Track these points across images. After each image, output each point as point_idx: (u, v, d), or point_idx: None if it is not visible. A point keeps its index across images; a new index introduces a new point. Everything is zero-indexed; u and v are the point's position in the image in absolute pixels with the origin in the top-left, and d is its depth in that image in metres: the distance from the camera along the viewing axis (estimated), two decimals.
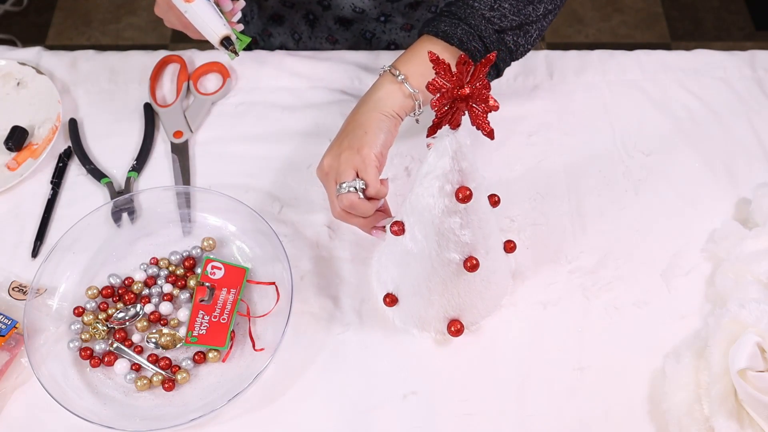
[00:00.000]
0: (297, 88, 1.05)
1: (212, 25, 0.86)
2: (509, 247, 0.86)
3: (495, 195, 0.80)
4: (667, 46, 2.18)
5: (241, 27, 0.90)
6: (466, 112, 0.65)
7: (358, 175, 0.79)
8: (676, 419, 0.77)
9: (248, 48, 1.18)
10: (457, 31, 0.82)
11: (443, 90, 0.63)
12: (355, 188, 0.78)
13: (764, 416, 0.74)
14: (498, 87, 1.05)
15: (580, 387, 0.82)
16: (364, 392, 0.82)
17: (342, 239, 0.92)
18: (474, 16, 0.83)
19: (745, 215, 0.93)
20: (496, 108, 0.64)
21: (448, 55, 0.83)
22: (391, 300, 0.80)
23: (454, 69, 0.62)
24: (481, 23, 0.82)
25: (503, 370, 0.83)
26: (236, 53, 0.87)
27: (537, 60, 1.07)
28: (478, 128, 0.64)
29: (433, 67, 0.63)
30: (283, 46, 1.18)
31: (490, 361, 0.83)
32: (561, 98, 1.04)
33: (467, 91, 0.63)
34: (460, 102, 0.63)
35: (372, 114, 0.82)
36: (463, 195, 0.67)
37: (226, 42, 0.87)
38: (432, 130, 0.66)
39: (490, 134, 0.65)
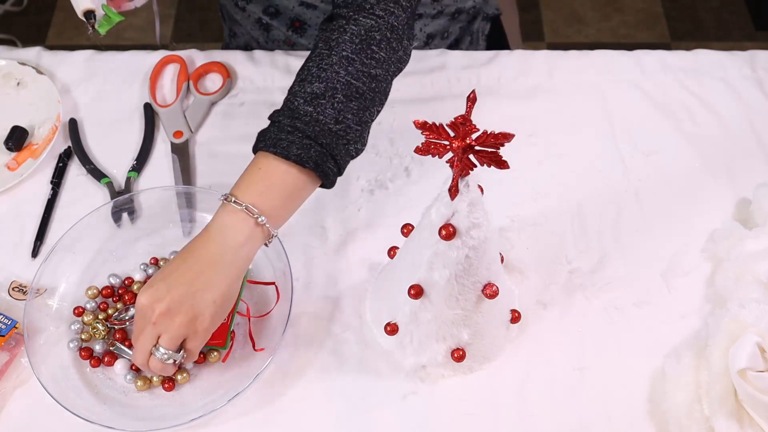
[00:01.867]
0: None
1: None
2: (515, 317, 0.83)
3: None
4: (667, 46, 2.18)
5: (129, 7, 0.85)
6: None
7: (183, 344, 0.74)
8: (676, 419, 0.77)
9: (248, 48, 1.18)
10: (312, 154, 0.75)
11: (453, 147, 0.62)
12: (175, 360, 0.74)
13: (764, 416, 0.74)
14: (498, 87, 1.05)
15: (580, 387, 0.82)
16: (364, 392, 0.82)
17: (342, 239, 0.92)
18: (324, 134, 0.75)
19: (745, 215, 0.93)
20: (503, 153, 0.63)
21: (304, 177, 0.76)
22: (392, 329, 0.79)
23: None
24: (331, 141, 0.76)
25: (503, 369, 0.83)
26: (95, 29, 0.81)
27: (537, 60, 1.07)
28: (489, 166, 0.64)
29: (423, 132, 0.62)
30: (247, 46, 1.18)
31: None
32: (561, 98, 1.04)
33: (474, 141, 0.62)
34: (468, 152, 0.63)
35: (230, 273, 0.73)
36: (447, 232, 0.66)
37: (87, 15, 0.81)
38: (454, 192, 0.65)
39: (505, 164, 0.64)
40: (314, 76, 0.77)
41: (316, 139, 0.75)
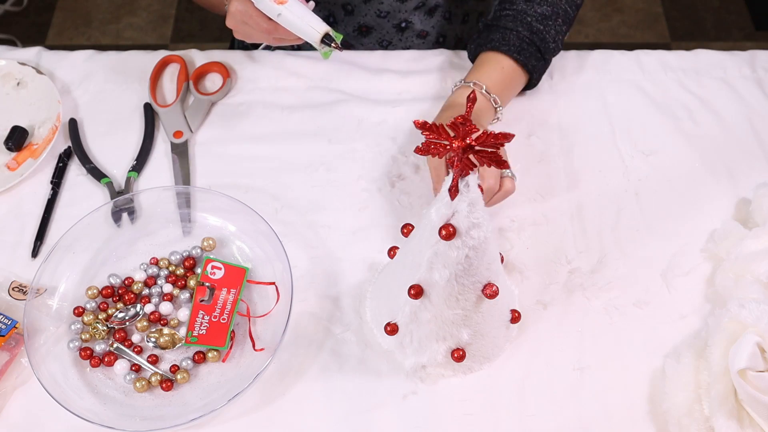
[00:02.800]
0: (297, 88, 1.05)
1: (312, 23, 0.85)
2: (515, 317, 0.84)
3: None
4: (667, 46, 2.18)
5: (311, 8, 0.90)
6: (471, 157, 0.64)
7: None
8: (676, 419, 0.77)
9: (247, 48, 1.18)
10: (540, 66, 0.97)
11: (453, 147, 0.62)
12: None
13: (764, 416, 0.74)
14: None
15: (580, 387, 0.82)
16: (364, 392, 0.82)
17: (342, 239, 0.92)
18: (548, 52, 0.96)
19: (745, 215, 0.93)
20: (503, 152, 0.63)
21: (519, 74, 0.96)
22: (392, 329, 0.79)
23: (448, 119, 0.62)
24: (551, 57, 0.97)
25: (503, 369, 0.83)
26: (340, 48, 0.86)
27: None
28: (489, 166, 0.64)
29: (423, 132, 0.62)
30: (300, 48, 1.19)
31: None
32: (561, 98, 1.04)
33: (474, 141, 0.62)
34: (468, 152, 0.63)
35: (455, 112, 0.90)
36: (447, 232, 0.66)
37: (326, 39, 0.85)
38: (454, 192, 0.65)
39: (505, 164, 0.64)
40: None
41: (544, 54, 0.96)
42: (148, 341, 0.84)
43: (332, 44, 0.87)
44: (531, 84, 0.99)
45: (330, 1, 1.11)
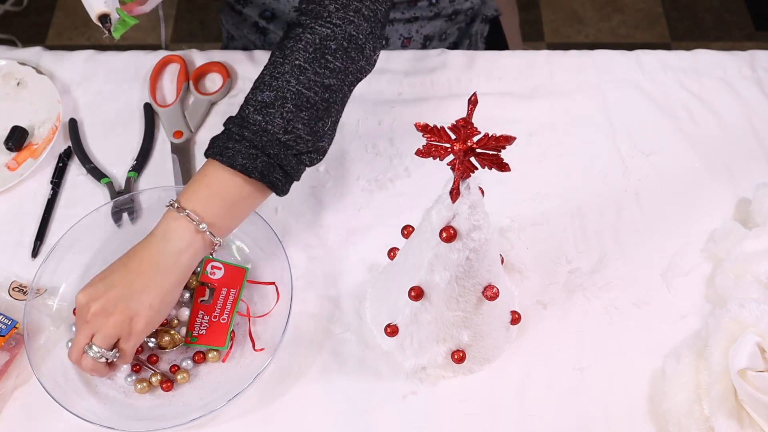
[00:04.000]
0: None
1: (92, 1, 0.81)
2: (515, 318, 0.83)
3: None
4: (667, 46, 2.18)
5: (141, 11, 0.85)
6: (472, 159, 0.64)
7: (116, 344, 0.75)
8: (676, 419, 0.77)
9: (247, 48, 1.18)
10: (258, 164, 0.75)
11: (454, 149, 0.62)
12: (107, 358, 0.75)
13: (764, 416, 0.74)
14: (498, 87, 1.05)
15: (580, 387, 0.82)
16: (364, 392, 0.82)
17: (342, 239, 0.92)
18: (271, 144, 0.75)
19: (745, 215, 0.93)
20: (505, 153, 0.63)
21: (249, 188, 0.77)
22: (392, 330, 0.79)
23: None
24: (280, 152, 0.76)
25: (503, 370, 0.83)
26: (110, 32, 0.82)
27: (537, 60, 1.07)
28: (491, 169, 0.64)
29: (424, 134, 0.62)
30: (245, 49, 1.18)
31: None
32: (561, 98, 1.04)
33: (475, 143, 0.62)
34: (469, 155, 0.63)
35: (170, 278, 0.74)
36: (448, 235, 0.66)
37: (103, 19, 0.82)
38: (455, 194, 0.65)
39: (506, 167, 0.64)
40: (266, 84, 0.77)
41: (263, 149, 0.76)
42: (148, 341, 0.84)
43: (105, 26, 0.82)
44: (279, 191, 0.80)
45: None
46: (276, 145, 0.76)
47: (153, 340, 0.84)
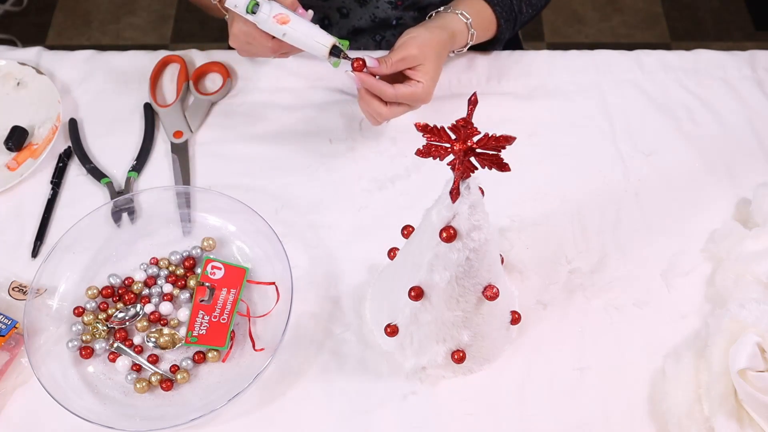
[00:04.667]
0: (297, 88, 1.05)
1: (318, 38, 0.86)
2: (515, 318, 0.83)
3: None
4: (667, 46, 2.18)
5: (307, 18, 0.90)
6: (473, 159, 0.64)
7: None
8: (676, 419, 0.77)
9: None
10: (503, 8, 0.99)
11: (454, 149, 0.62)
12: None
13: (764, 416, 0.74)
14: (498, 87, 1.05)
15: (580, 387, 0.82)
16: (364, 392, 0.82)
17: (342, 239, 0.92)
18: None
19: (745, 215, 0.93)
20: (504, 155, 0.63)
21: (491, 13, 0.99)
22: (392, 330, 0.79)
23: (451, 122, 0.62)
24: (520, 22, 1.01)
25: (503, 370, 0.83)
26: (348, 57, 0.87)
27: (537, 60, 1.07)
28: (491, 169, 0.64)
29: (424, 135, 0.62)
30: None
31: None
32: (561, 98, 1.04)
33: (475, 143, 0.62)
34: (469, 154, 0.63)
35: (444, 53, 0.94)
36: (448, 235, 0.66)
37: (334, 51, 0.86)
38: (456, 194, 0.65)
39: (506, 167, 0.64)
40: None
41: (517, 17, 1.02)
42: (148, 341, 0.84)
43: (341, 55, 0.87)
44: (492, 41, 1.03)
45: (325, 5, 1.11)
46: (519, 18, 1.03)
47: (153, 340, 0.84)
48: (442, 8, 0.97)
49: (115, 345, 0.84)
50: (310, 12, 0.90)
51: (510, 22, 1.01)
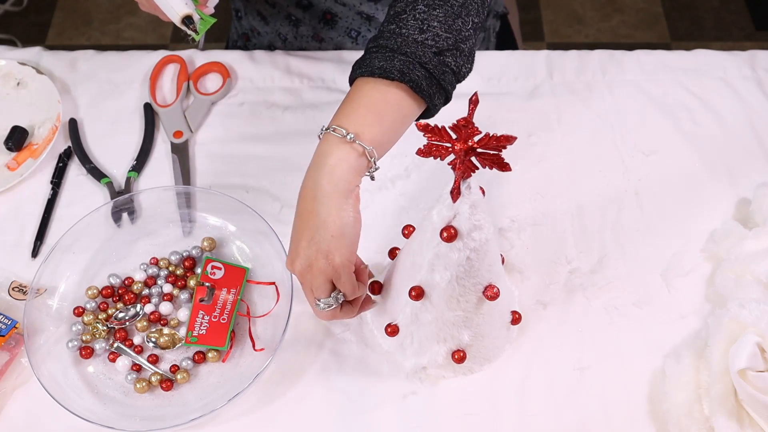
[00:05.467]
0: (297, 88, 1.05)
1: (173, 3, 0.83)
2: (515, 318, 0.83)
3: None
4: (667, 46, 2.18)
5: (211, 10, 0.86)
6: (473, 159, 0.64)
7: (334, 286, 0.73)
8: (676, 419, 0.77)
9: (245, 48, 1.18)
10: (395, 63, 0.72)
11: (455, 149, 0.62)
12: (334, 304, 0.73)
13: (764, 416, 0.74)
14: (498, 87, 1.05)
15: (580, 387, 0.82)
16: (364, 392, 0.82)
17: None
18: (407, 44, 0.72)
19: (745, 215, 0.93)
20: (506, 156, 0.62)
21: (393, 91, 0.72)
22: (392, 330, 0.79)
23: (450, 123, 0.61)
24: (417, 49, 0.72)
25: (503, 370, 0.83)
26: (197, 32, 0.83)
27: (537, 60, 1.07)
28: (492, 169, 0.64)
29: (425, 134, 0.62)
30: (271, 45, 1.18)
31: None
32: (561, 98, 1.04)
33: (476, 143, 0.62)
34: (470, 154, 0.63)
35: (331, 201, 0.70)
36: (448, 234, 0.66)
37: (187, 21, 0.83)
38: (456, 194, 0.65)
39: (507, 167, 0.64)
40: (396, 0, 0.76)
41: (399, 50, 0.72)
42: (148, 342, 0.84)
43: (190, 27, 0.83)
44: (429, 112, 0.77)
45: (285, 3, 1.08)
46: (413, 45, 0.72)
47: (153, 340, 0.84)
48: (326, 126, 0.73)
49: (115, 345, 0.84)
50: None
51: (417, 66, 0.73)
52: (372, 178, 0.74)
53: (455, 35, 0.74)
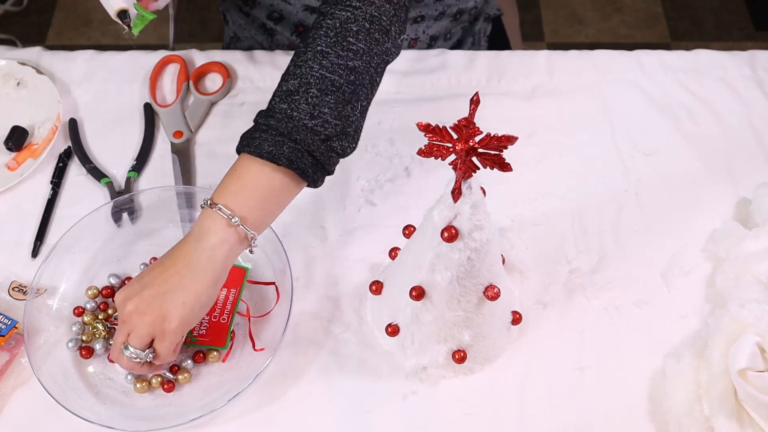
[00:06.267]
0: None
1: None
2: (516, 318, 0.83)
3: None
4: (667, 46, 2.18)
5: (156, 7, 0.85)
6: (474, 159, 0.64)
7: (151, 342, 0.73)
8: (676, 419, 0.77)
9: (247, 48, 1.18)
10: (284, 150, 0.73)
11: (456, 149, 0.62)
12: (141, 359, 0.74)
13: (764, 416, 0.74)
14: (498, 87, 1.05)
15: (580, 387, 0.82)
16: (364, 392, 0.82)
17: (342, 239, 0.92)
18: (297, 130, 0.74)
19: (745, 215, 0.93)
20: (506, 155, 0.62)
21: (279, 177, 0.74)
22: (393, 330, 0.79)
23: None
24: (306, 136, 0.74)
25: (503, 370, 0.83)
26: (130, 27, 0.82)
27: (537, 60, 1.07)
28: (492, 169, 0.64)
29: (426, 134, 0.62)
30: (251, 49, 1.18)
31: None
32: (561, 98, 1.04)
33: (477, 143, 0.62)
34: (471, 154, 0.63)
35: (204, 277, 0.73)
36: (449, 234, 0.66)
37: (122, 15, 0.81)
38: (457, 194, 0.65)
39: (508, 167, 0.64)
40: (290, 73, 0.77)
41: (289, 135, 0.74)
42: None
43: (124, 21, 0.82)
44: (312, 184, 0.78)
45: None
46: (302, 131, 0.74)
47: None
48: (209, 201, 0.74)
49: None
50: None
51: (305, 154, 0.74)
52: (251, 252, 0.77)
53: (343, 122, 0.76)
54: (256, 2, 1.11)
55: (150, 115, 1.02)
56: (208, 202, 0.74)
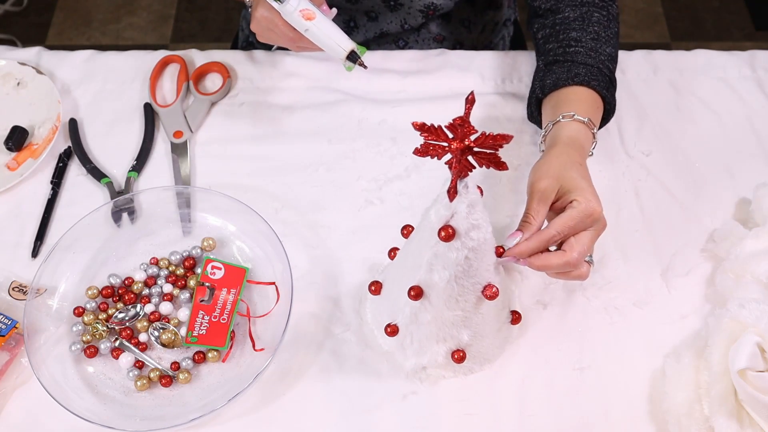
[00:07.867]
0: (297, 88, 1.05)
1: (338, 40, 0.86)
2: (515, 318, 0.84)
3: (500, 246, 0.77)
4: (667, 46, 2.18)
5: (330, 16, 0.90)
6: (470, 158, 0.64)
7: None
8: (676, 419, 0.77)
9: (246, 48, 1.18)
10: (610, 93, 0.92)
11: (451, 148, 0.62)
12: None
13: (764, 416, 0.74)
14: (498, 87, 1.05)
15: (580, 387, 0.82)
16: (364, 392, 0.82)
17: (342, 239, 0.92)
18: (614, 87, 0.93)
19: (745, 215, 0.93)
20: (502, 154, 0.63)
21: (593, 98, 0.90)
22: (392, 330, 0.79)
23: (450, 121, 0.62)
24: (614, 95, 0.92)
25: (503, 370, 0.83)
26: (364, 65, 0.87)
27: None
28: (488, 168, 0.64)
29: (421, 134, 0.62)
30: None
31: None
32: None
33: (473, 142, 0.62)
34: (467, 153, 0.63)
35: (582, 169, 0.84)
36: (446, 234, 0.66)
37: (352, 56, 0.86)
38: (453, 193, 0.65)
39: (504, 166, 0.64)
40: (605, 41, 0.94)
41: (611, 78, 0.92)
42: (152, 332, 0.84)
43: (357, 62, 0.87)
44: (607, 115, 0.92)
45: (353, 7, 1.10)
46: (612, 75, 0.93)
47: (156, 334, 0.84)
48: (550, 124, 0.88)
49: (119, 341, 0.84)
50: (334, 10, 0.90)
51: (606, 84, 0.92)
52: (591, 154, 0.89)
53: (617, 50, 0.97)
54: None
55: (150, 115, 1.02)
56: (561, 116, 0.87)
